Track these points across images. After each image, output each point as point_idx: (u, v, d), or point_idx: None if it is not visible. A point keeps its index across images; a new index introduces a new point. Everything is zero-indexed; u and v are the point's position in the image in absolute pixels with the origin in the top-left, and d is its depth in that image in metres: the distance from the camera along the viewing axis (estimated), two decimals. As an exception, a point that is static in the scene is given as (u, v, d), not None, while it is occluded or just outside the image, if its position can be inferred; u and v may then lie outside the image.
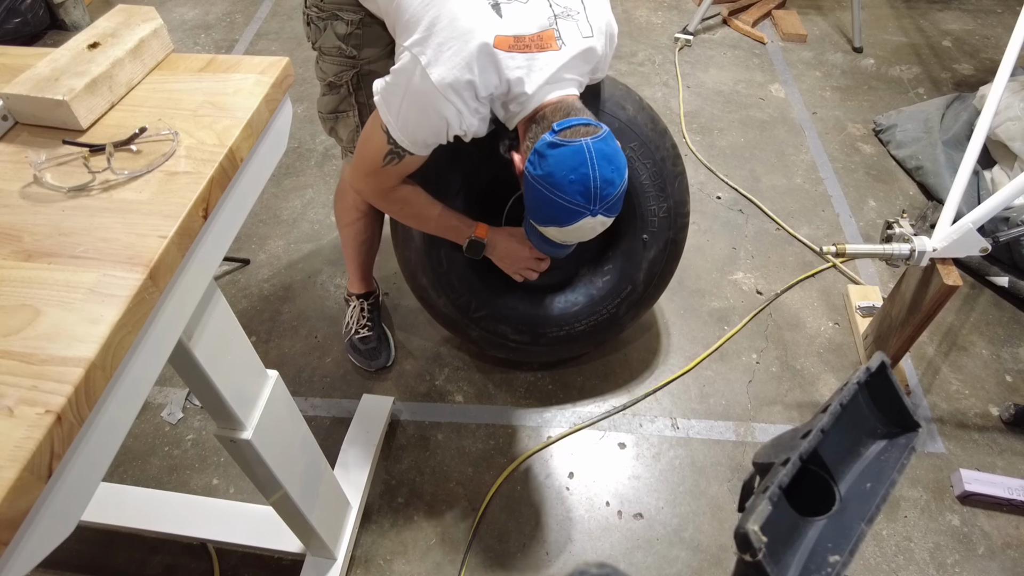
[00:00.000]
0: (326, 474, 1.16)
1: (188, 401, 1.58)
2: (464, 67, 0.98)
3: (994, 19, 2.95)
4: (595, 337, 1.52)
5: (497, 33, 0.98)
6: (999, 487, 1.38)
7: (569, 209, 0.99)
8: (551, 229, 1.04)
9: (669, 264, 1.45)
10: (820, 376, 1.63)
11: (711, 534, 1.36)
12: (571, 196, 0.98)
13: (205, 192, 0.63)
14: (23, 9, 2.60)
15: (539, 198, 1.01)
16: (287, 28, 2.83)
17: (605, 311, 1.46)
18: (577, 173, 0.96)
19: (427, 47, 0.98)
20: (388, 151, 1.09)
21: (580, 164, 0.96)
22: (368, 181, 1.18)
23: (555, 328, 1.47)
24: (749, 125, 2.35)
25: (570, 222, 1.00)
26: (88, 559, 1.34)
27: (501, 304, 1.44)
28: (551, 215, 1.01)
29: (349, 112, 1.29)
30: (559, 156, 0.97)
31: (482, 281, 1.42)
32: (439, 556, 1.33)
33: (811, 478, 0.60)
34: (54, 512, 0.49)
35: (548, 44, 1.03)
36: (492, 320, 1.45)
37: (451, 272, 1.39)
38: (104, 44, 0.72)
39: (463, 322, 1.46)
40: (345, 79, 1.24)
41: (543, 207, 1.01)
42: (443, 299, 1.43)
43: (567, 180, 0.97)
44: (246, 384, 0.87)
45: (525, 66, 1.01)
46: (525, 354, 1.54)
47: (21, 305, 0.53)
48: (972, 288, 1.82)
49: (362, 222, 1.48)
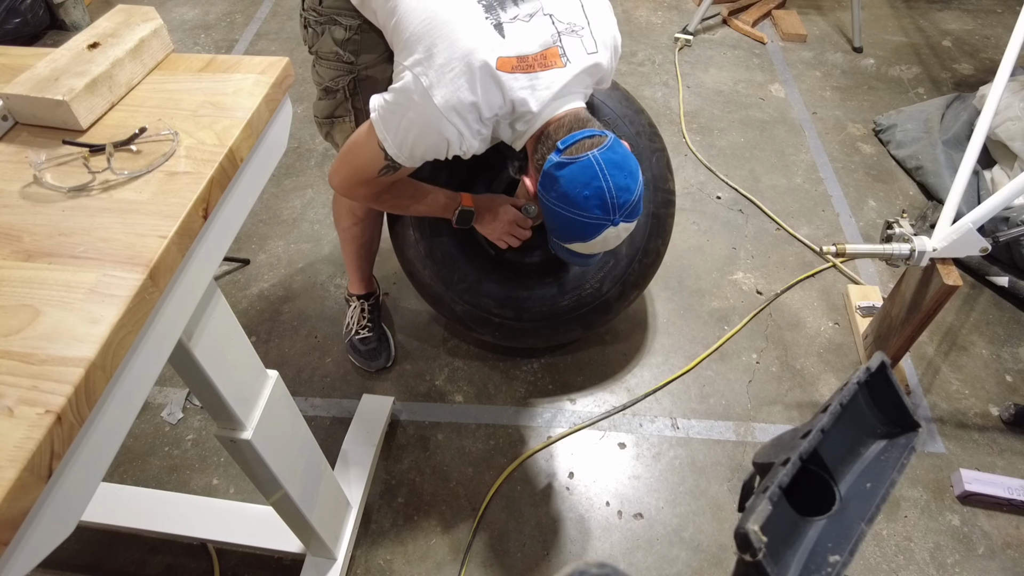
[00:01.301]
0: (326, 474, 1.16)
1: (188, 401, 1.58)
2: (467, 89, 0.97)
3: (994, 19, 2.95)
4: (582, 319, 1.50)
5: (500, 54, 0.98)
6: (999, 487, 1.38)
7: (589, 224, 0.99)
8: (576, 245, 1.04)
9: (653, 240, 1.46)
10: (820, 376, 1.63)
11: (711, 534, 1.36)
12: (589, 211, 0.97)
13: (205, 192, 0.63)
14: (23, 9, 2.60)
15: (558, 218, 1.01)
16: (287, 28, 2.83)
17: (588, 286, 1.46)
18: (591, 188, 0.96)
19: (429, 68, 0.97)
20: (384, 166, 1.09)
21: (592, 178, 0.96)
22: (357, 189, 1.18)
23: (538, 303, 1.46)
24: (749, 125, 2.35)
25: (593, 236, 1.00)
26: (88, 559, 1.34)
27: (483, 276, 1.46)
28: (573, 233, 1.02)
29: (345, 117, 1.28)
30: (569, 175, 0.97)
31: (464, 254, 1.44)
32: (439, 556, 1.33)
33: (811, 478, 0.60)
34: (54, 512, 0.49)
35: (552, 62, 1.02)
36: (475, 293, 1.46)
37: (435, 244, 1.43)
38: (104, 44, 0.72)
39: (447, 295, 1.47)
40: (342, 84, 1.23)
41: (564, 227, 1.02)
42: (428, 271, 1.45)
43: (582, 196, 0.97)
44: (246, 384, 0.87)
45: (529, 86, 1.00)
46: (511, 332, 1.52)
47: (21, 305, 0.53)
48: (972, 288, 1.82)
49: (359, 227, 1.48)
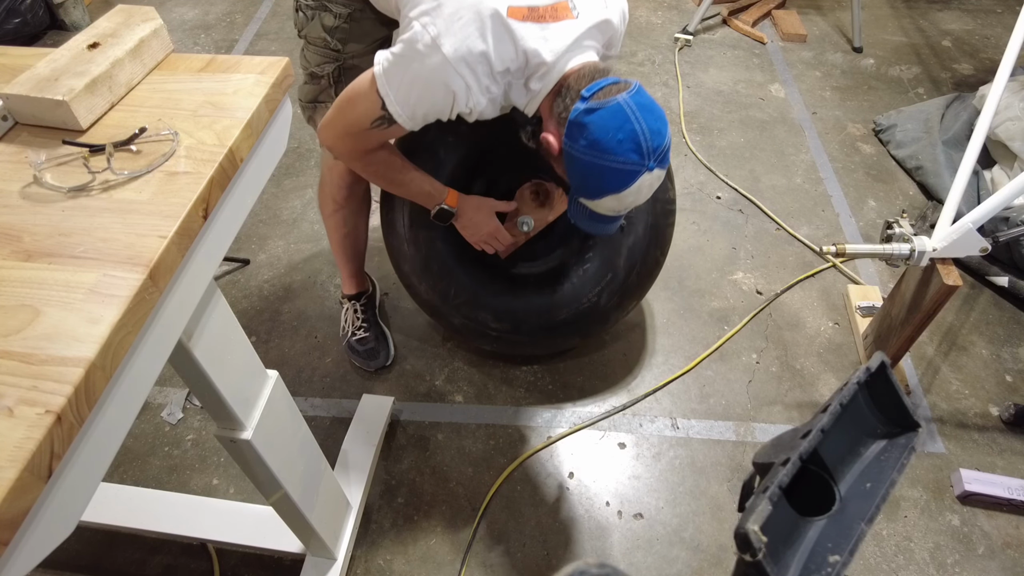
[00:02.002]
0: (326, 474, 1.16)
1: (188, 401, 1.58)
2: (477, 37, 0.95)
3: (994, 19, 2.95)
4: (580, 329, 1.50)
5: (510, 4, 0.96)
6: (999, 487, 1.38)
7: (624, 171, 0.95)
8: (606, 200, 0.99)
9: (652, 251, 1.43)
10: (820, 376, 1.63)
11: (711, 534, 1.36)
12: (624, 156, 0.93)
13: (205, 192, 0.63)
14: (23, 9, 2.60)
15: (588, 170, 0.96)
16: (287, 28, 2.82)
17: (586, 299, 1.44)
18: (624, 131, 0.93)
19: (437, 18, 0.95)
20: (378, 116, 1.04)
21: (624, 122, 0.93)
22: (344, 141, 1.12)
23: (536, 317, 1.46)
24: (749, 125, 2.35)
25: (627, 185, 0.96)
26: (88, 559, 1.34)
27: (480, 291, 1.44)
28: (605, 184, 0.97)
29: (328, 103, 1.27)
30: (600, 119, 0.93)
31: (462, 268, 1.43)
32: (439, 556, 1.33)
33: (811, 478, 0.60)
34: (54, 512, 0.49)
35: (563, 14, 1.00)
36: (471, 307, 1.45)
37: (431, 258, 1.40)
38: (104, 44, 0.72)
39: (444, 309, 1.47)
40: (327, 71, 1.24)
41: (595, 178, 0.97)
42: (424, 285, 1.44)
43: (615, 141, 0.93)
44: (246, 384, 0.87)
45: (541, 36, 0.98)
46: (509, 344, 1.52)
47: (21, 305, 0.53)
48: (972, 288, 1.82)
49: (341, 213, 1.46)
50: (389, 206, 1.41)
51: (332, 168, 1.39)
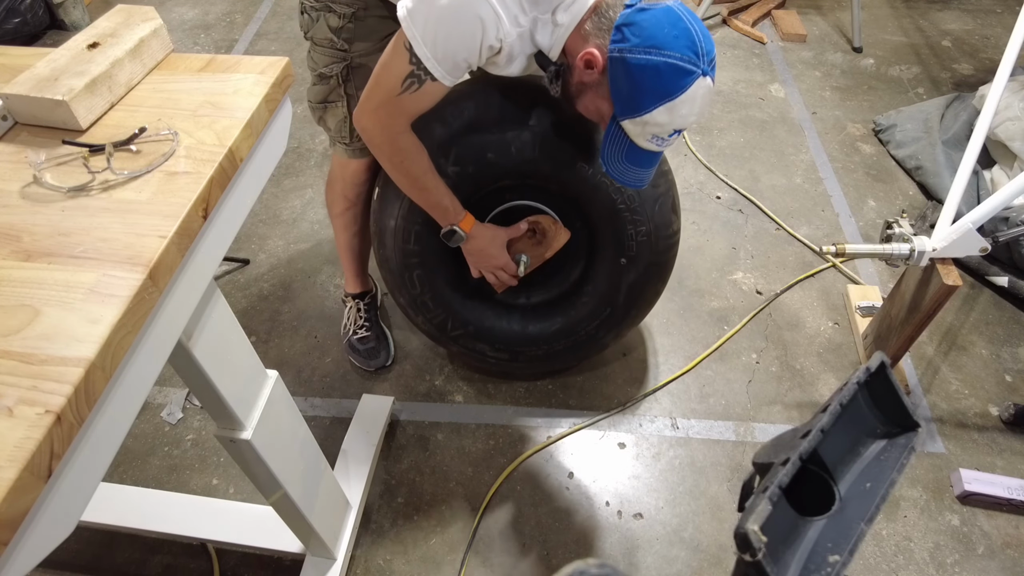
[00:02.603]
0: (326, 474, 1.16)
1: (188, 401, 1.58)
2: None
3: (994, 19, 2.95)
4: (577, 355, 1.51)
5: None
6: (999, 487, 1.38)
7: (680, 68, 0.91)
8: (659, 111, 0.94)
9: (653, 286, 1.40)
10: (820, 376, 1.63)
11: (711, 534, 1.36)
12: (680, 52, 0.91)
13: (205, 192, 0.63)
14: (23, 9, 2.59)
15: (640, 72, 0.93)
16: (287, 28, 2.83)
17: (584, 332, 1.44)
18: (678, 28, 0.91)
19: None
20: (409, 72, 1.02)
21: (676, 20, 0.92)
22: (378, 114, 1.09)
23: (533, 347, 1.46)
24: (749, 125, 2.35)
25: (683, 87, 0.92)
26: (88, 559, 1.34)
27: (478, 324, 1.44)
28: (660, 85, 0.93)
29: (338, 103, 1.28)
30: (652, 17, 0.92)
31: (459, 302, 1.41)
32: (439, 556, 1.33)
33: (811, 478, 0.60)
34: (54, 512, 0.49)
35: None
36: (470, 339, 1.45)
37: (425, 294, 1.38)
38: (104, 44, 0.72)
39: (442, 339, 1.47)
40: (335, 71, 1.24)
41: (648, 79, 0.93)
42: (420, 318, 1.43)
43: (671, 36, 0.90)
44: (246, 384, 0.87)
45: None
46: (506, 369, 1.55)
47: (21, 305, 0.53)
48: (972, 288, 1.82)
49: (351, 212, 1.46)
50: (382, 243, 1.35)
51: (345, 165, 1.39)
